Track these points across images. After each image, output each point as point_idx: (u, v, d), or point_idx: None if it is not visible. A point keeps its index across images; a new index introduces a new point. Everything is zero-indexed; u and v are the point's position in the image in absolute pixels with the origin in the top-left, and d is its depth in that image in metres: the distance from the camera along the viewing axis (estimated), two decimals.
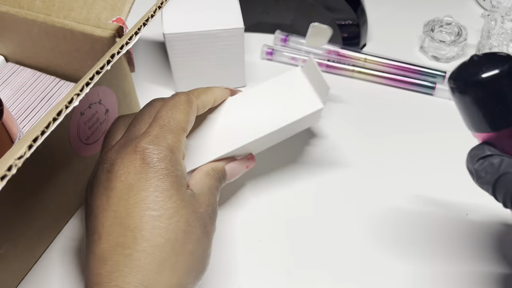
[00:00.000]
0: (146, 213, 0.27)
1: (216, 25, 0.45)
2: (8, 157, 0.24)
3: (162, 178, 0.28)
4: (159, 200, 0.27)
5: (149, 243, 0.26)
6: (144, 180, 0.27)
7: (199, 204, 0.30)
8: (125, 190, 0.28)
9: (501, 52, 0.27)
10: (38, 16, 0.39)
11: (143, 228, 0.27)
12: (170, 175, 0.28)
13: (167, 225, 0.27)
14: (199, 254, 0.29)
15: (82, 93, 0.28)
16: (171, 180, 0.28)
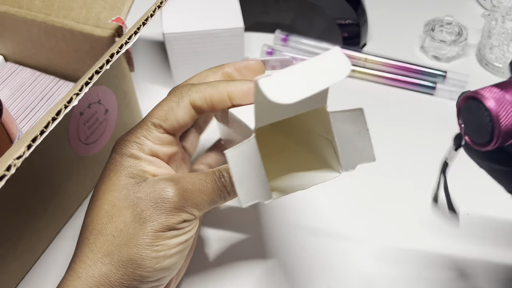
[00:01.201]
0: (91, 200, 0.30)
1: (216, 24, 0.45)
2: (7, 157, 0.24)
3: (107, 167, 0.30)
4: (97, 186, 0.30)
5: (83, 223, 0.29)
6: (103, 170, 0.31)
7: (140, 189, 0.29)
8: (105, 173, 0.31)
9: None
10: (38, 16, 0.39)
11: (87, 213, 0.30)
12: (113, 164, 0.30)
13: (93, 207, 0.29)
14: (125, 238, 0.28)
15: (81, 92, 0.28)
16: (111, 169, 0.30)
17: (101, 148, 0.41)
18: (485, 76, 0.53)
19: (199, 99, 0.30)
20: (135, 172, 0.29)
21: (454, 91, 0.49)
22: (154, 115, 0.30)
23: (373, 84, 0.52)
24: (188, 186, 0.28)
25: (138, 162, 0.30)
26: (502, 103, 0.23)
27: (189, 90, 0.30)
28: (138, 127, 0.30)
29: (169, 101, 0.31)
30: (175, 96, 0.31)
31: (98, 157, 0.41)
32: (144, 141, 0.30)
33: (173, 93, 0.31)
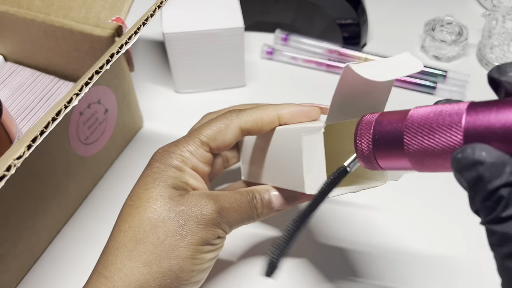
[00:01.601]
0: (127, 202, 0.30)
1: (216, 24, 0.45)
2: (7, 157, 0.24)
3: (149, 175, 0.30)
4: (138, 192, 0.30)
5: (118, 228, 0.29)
6: (141, 176, 0.31)
7: (184, 202, 0.29)
8: (139, 185, 0.31)
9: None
10: (37, 16, 0.39)
11: (120, 214, 0.30)
12: (157, 173, 0.30)
13: (135, 214, 0.29)
14: (166, 249, 0.28)
15: (81, 92, 0.28)
16: (156, 177, 0.30)
17: (101, 148, 0.41)
18: (485, 76, 0.52)
19: (250, 122, 0.31)
20: (179, 183, 0.30)
21: (454, 91, 0.49)
22: (203, 133, 0.31)
23: None
24: (225, 205, 0.30)
25: (182, 174, 0.30)
26: (363, 126, 0.25)
27: (239, 114, 0.32)
28: (185, 141, 0.31)
29: (218, 122, 0.31)
30: (224, 118, 0.32)
31: (98, 157, 0.41)
32: (189, 156, 0.31)
33: (222, 116, 0.32)
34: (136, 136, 0.47)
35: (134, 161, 0.45)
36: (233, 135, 0.31)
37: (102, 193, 0.42)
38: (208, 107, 0.50)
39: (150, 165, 0.31)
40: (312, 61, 0.53)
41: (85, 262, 0.38)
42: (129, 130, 0.45)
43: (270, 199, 0.32)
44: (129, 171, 0.44)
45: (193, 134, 0.31)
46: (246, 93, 0.51)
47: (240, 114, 0.32)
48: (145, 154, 0.45)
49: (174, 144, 0.31)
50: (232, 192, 0.31)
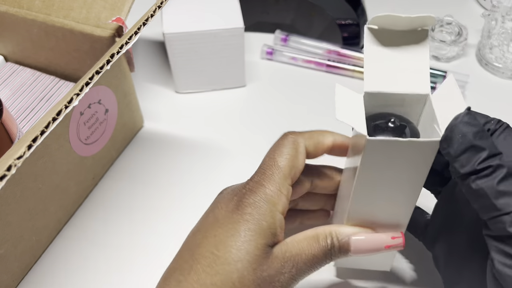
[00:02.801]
0: (210, 249, 0.27)
1: (216, 24, 0.45)
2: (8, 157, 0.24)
3: (241, 223, 0.27)
4: (226, 242, 0.27)
5: (198, 280, 0.26)
6: (227, 219, 0.27)
7: (267, 266, 0.27)
8: (211, 222, 0.28)
9: None
10: (38, 16, 0.39)
11: (200, 262, 0.27)
12: (251, 222, 0.27)
13: (219, 270, 0.26)
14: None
15: (81, 93, 0.28)
16: (248, 227, 0.27)
17: (101, 148, 0.41)
18: (485, 76, 0.53)
19: (312, 145, 0.30)
20: (269, 237, 0.27)
21: None
22: (281, 164, 0.28)
23: None
24: (302, 266, 0.28)
25: (274, 224, 0.27)
26: None
27: (303, 137, 0.30)
28: (267, 179, 0.28)
29: (287, 148, 0.29)
30: (292, 143, 0.29)
31: (98, 157, 0.41)
32: (280, 197, 0.28)
33: (286, 139, 0.30)
34: (136, 136, 0.47)
35: (135, 161, 0.45)
36: (303, 159, 0.29)
37: (103, 193, 0.42)
38: (208, 107, 0.50)
39: (242, 208, 0.27)
40: (312, 62, 0.53)
41: (86, 262, 0.38)
42: (129, 130, 0.45)
43: (348, 244, 0.29)
44: (130, 171, 0.44)
45: (272, 167, 0.28)
46: (246, 93, 0.51)
47: (304, 137, 0.30)
48: (146, 154, 0.46)
49: (261, 182, 0.28)
50: (309, 242, 0.28)
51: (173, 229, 0.40)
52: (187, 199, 0.42)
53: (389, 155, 0.25)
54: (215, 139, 0.47)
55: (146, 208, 0.41)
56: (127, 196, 0.42)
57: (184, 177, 0.43)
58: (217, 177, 0.43)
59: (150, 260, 0.38)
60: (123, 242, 0.39)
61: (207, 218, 0.29)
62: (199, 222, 0.30)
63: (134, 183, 0.43)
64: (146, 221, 0.40)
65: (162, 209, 0.41)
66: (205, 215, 0.30)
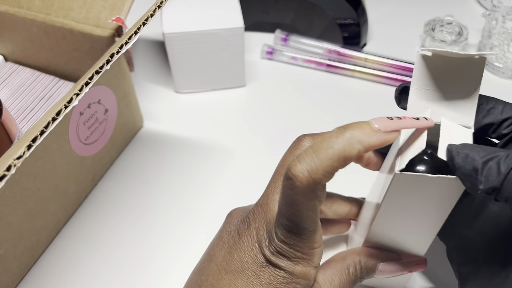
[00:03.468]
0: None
1: (216, 24, 0.45)
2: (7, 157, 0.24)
3: (274, 285, 0.25)
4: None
5: None
6: (257, 272, 0.26)
7: None
8: (237, 265, 0.26)
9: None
10: (37, 16, 0.39)
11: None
12: (285, 286, 0.25)
13: None
14: None
15: (81, 92, 0.28)
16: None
17: (101, 148, 0.41)
18: (485, 76, 0.52)
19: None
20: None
21: None
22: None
23: (374, 84, 0.52)
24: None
25: (310, 282, 0.26)
26: None
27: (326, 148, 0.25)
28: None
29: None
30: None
31: (98, 157, 0.41)
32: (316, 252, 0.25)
33: (300, 145, 0.27)
34: (136, 136, 0.47)
35: (134, 161, 0.45)
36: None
37: (102, 193, 0.42)
38: (208, 107, 0.50)
39: (275, 270, 0.25)
40: (312, 61, 0.53)
41: (85, 262, 0.38)
42: (129, 130, 0.45)
43: (375, 270, 0.28)
44: (129, 171, 0.44)
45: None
46: (246, 93, 0.51)
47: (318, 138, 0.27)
48: (145, 154, 0.45)
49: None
50: (340, 276, 0.27)
51: (173, 229, 0.40)
52: (187, 199, 0.42)
53: (417, 188, 0.24)
54: (215, 139, 0.47)
55: (146, 208, 0.41)
56: (126, 196, 0.42)
57: (184, 177, 0.43)
58: (217, 177, 0.43)
59: (150, 260, 0.38)
60: (123, 242, 0.39)
61: (232, 260, 0.27)
62: (220, 256, 0.27)
63: (134, 183, 0.43)
64: (145, 221, 0.40)
65: (162, 209, 0.41)
66: (227, 252, 0.27)
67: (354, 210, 0.33)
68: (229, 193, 0.42)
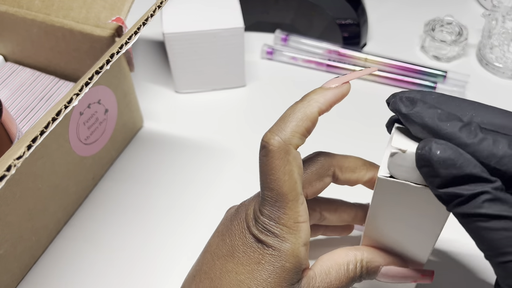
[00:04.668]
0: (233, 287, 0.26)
1: (216, 24, 0.45)
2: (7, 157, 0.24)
3: (263, 264, 0.26)
4: (249, 285, 0.26)
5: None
6: (247, 256, 0.26)
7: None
8: (230, 252, 0.27)
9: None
10: (37, 16, 0.39)
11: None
12: (273, 265, 0.26)
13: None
14: None
15: (81, 93, 0.28)
16: (272, 270, 0.25)
17: (101, 148, 0.41)
18: (485, 76, 0.53)
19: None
20: (295, 279, 0.26)
21: (454, 91, 0.49)
22: (288, 188, 0.26)
23: (373, 84, 0.52)
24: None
25: (298, 263, 0.26)
26: None
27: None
28: (283, 208, 0.26)
29: (286, 165, 0.26)
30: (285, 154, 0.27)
31: (98, 157, 0.41)
32: (301, 228, 0.26)
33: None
34: (136, 136, 0.47)
35: (134, 161, 0.45)
36: (303, 141, 0.28)
37: (102, 193, 0.42)
38: (208, 107, 0.50)
39: (262, 247, 0.26)
40: (312, 61, 0.53)
41: (85, 262, 0.38)
42: (129, 130, 0.45)
43: (377, 272, 0.28)
44: (129, 171, 0.44)
45: (283, 193, 0.26)
46: (246, 93, 0.51)
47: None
48: (145, 154, 0.45)
49: (278, 214, 0.26)
50: (338, 272, 0.27)
51: (173, 229, 0.40)
52: (187, 198, 0.42)
53: (401, 196, 0.24)
54: (215, 139, 0.47)
55: (146, 208, 0.41)
56: (127, 196, 0.42)
57: (184, 177, 0.43)
58: (217, 177, 0.43)
59: (150, 260, 0.38)
60: (123, 242, 0.39)
61: (224, 243, 0.27)
62: (216, 240, 0.28)
63: (134, 183, 0.43)
64: (145, 221, 0.40)
65: (162, 209, 0.41)
66: (221, 234, 0.28)
67: (360, 215, 0.33)
68: (229, 193, 0.42)
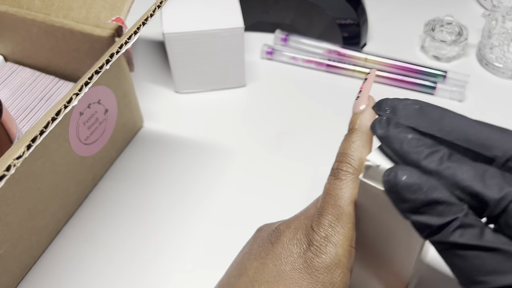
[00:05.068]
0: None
1: (216, 24, 0.45)
2: (7, 157, 0.24)
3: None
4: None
5: None
6: (293, 281, 0.25)
7: None
8: (275, 278, 0.25)
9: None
10: (37, 16, 0.39)
11: None
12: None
13: None
14: None
15: (81, 92, 0.28)
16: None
17: (101, 148, 0.41)
18: (485, 76, 0.53)
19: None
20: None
21: (454, 91, 0.49)
22: (347, 211, 0.25)
23: (373, 84, 0.52)
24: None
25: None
26: None
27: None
28: (337, 234, 0.25)
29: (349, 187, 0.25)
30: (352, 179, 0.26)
31: (98, 157, 0.41)
32: (350, 255, 0.25)
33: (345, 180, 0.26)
34: (136, 136, 0.47)
35: (134, 161, 0.45)
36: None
37: (102, 193, 0.42)
38: (208, 107, 0.50)
39: (312, 272, 0.24)
40: (312, 61, 0.53)
41: (85, 262, 0.38)
42: (129, 130, 0.45)
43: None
44: (129, 171, 0.44)
45: (341, 214, 0.25)
46: (246, 93, 0.51)
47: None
48: (145, 154, 0.45)
49: (331, 239, 0.25)
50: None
51: (173, 229, 0.40)
52: (187, 199, 0.42)
53: (381, 202, 0.23)
54: (215, 139, 0.47)
55: (146, 208, 0.41)
56: (127, 196, 0.42)
57: (184, 177, 0.43)
58: (218, 177, 0.43)
59: (150, 260, 0.38)
60: (123, 242, 0.39)
61: (266, 270, 0.26)
62: (252, 269, 0.26)
63: (134, 183, 0.43)
64: (146, 221, 0.40)
65: (162, 209, 0.41)
66: (260, 263, 0.26)
67: None
68: (229, 193, 0.42)
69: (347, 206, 0.25)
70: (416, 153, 0.21)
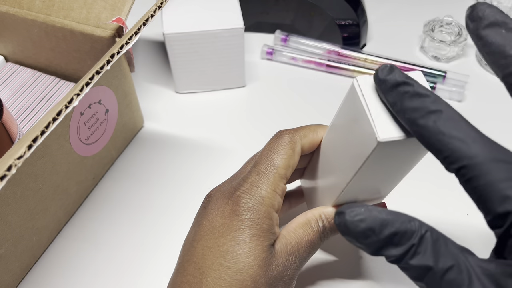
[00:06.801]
0: (217, 260, 0.27)
1: (216, 25, 0.45)
2: (8, 157, 0.24)
3: (244, 229, 0.27)
4: (233, 251, 0.27)
5: (211, 282, 0.26)
6: (226, 226, 0.27)
7: (275, 264, 0.27)
8: (209, 231, 0.28)
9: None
10: (38, 16, 0.39)
11: (210, 275, 0.27)
12: (253, 228, 0.27)
13: (232, 280, 0.26)
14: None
15: (82, 93, 0.28)
16: (252, 233, 0.27)
17: (101, 148, 0.41)
18: (484, 76, 0.53)
19: (308, 143, 0.30)
20: (271, 237, 0.28)
21: (454, 91, 0.49)
22: (278, 164, 0.28)
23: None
24: (303, 254, 0.29)
25: (273, 224, 0.28)
26: None
27: (299, 135, 0.30)
28: (266, 178, 0.28)
29: (285, 148, 0.29)
30: (289, 143, 0.29)
31: (98, 157, 0.41)
32: (275, 198, 0.28)
33: (282, 139, 0.30)
34: (136, 136, 0.47)
35: (135, 161, 0.45)
36: (298, 158, 0.30)
37: (103, 193, 0.42)
38: (208, 108, 0.50)
39: (240, 213, 0.27)
40: (311, 62, 0.53)
41: (86, 262, 0.38)
42: (129, 130, 0.46)
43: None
44: (130, 171, 0.44)
45: (269, 167, 0.28)
46: (246, 93, 0.51)
47: (299, 136, 0.30)
48: (146, 154, 0.46)
49: (256, 183, 0.28)
50: (303, 229, 0.29)
51: (173, 229, 0.40)
52: (187, 199, 0.42)
53: (395, 152, 0.25)
54: (215, 139, 0.47)
55: (147, 208, 0.41)
56: (127, 196, 0.42)
57: (184, 177, 0.43)
58: (218, 177, 0.43)
59: (150, 260, 0.38)
60: (123, 242, 0.39)
61: (202, 226, 0.29)
62: (193, 231, 0.30)
63: (135, 183, 0.43)
64: (146, 221, 0.40)
65: (162, 208, 0.41)
66: (197, 222, 0.30)
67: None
68: None
69: (278, 161, 0.28)
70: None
